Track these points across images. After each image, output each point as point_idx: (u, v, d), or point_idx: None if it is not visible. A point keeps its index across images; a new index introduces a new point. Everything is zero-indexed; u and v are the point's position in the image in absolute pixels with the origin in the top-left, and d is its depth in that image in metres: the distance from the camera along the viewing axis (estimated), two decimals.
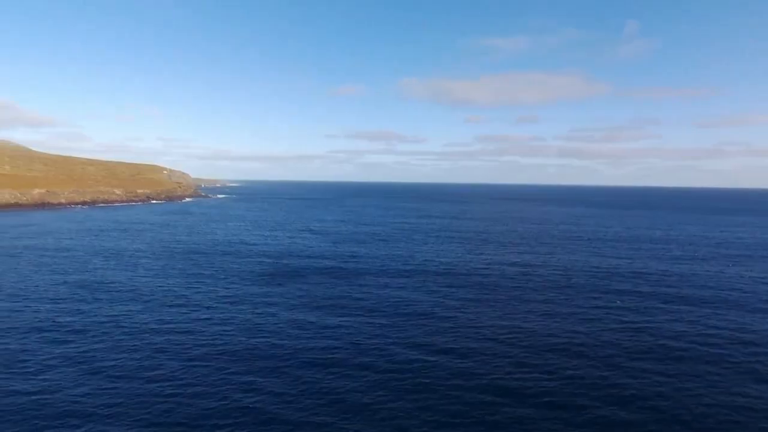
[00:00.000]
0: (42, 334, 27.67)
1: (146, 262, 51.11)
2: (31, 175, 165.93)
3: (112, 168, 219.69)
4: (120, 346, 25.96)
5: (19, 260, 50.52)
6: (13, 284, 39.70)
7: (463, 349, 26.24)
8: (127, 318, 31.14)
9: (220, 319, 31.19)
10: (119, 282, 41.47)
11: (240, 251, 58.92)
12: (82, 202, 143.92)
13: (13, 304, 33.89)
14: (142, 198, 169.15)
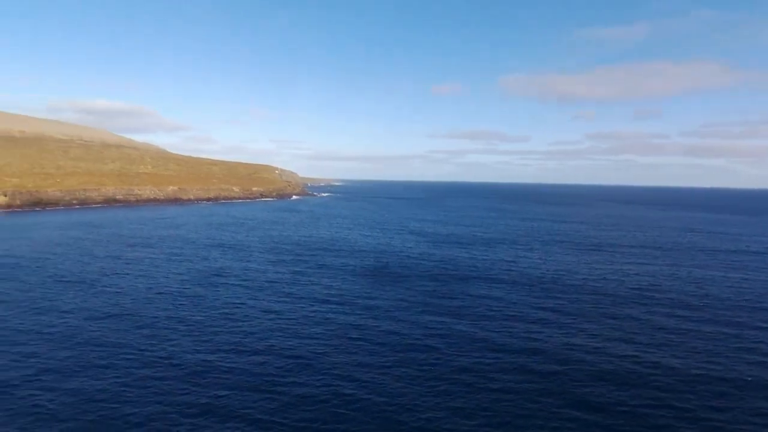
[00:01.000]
0: (165, 321, 30.52)
1: (258, 255, 54.60)
2: (167, 174, 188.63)
3: (232, 168, 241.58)
4: (234, 331, 27.64)
5: (154, 249, 57.12)
6: (150, 269, 44.75)
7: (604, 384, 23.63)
8: (237, 309, 33.20)
9: (322, 318, 31.86)
10: (234, 273, 44.63)
11: (342, 249, 60.48)
12: (206, 198, 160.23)
13: (149, 285, 38.07)
14: (256, 195, 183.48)
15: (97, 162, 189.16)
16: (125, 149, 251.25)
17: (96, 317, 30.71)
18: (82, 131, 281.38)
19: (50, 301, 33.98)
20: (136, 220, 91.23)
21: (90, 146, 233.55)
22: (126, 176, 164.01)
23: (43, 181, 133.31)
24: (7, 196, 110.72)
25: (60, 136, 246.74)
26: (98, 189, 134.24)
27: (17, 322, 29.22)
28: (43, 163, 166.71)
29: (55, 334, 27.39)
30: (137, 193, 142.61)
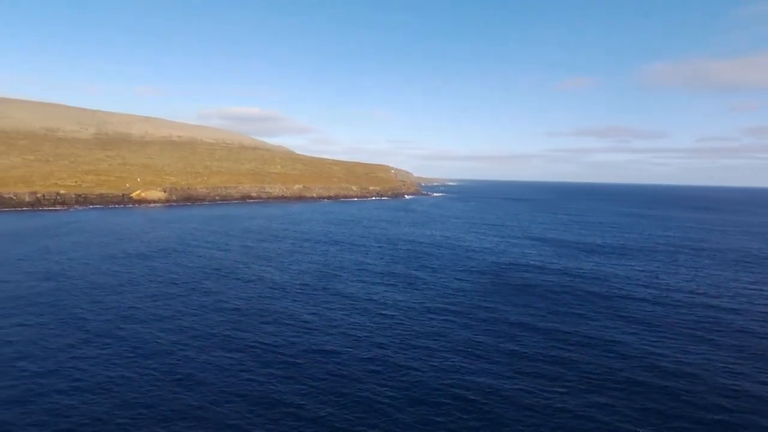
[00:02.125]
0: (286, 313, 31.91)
1: (374, 255, 55.40)
2: (294, 173, 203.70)
3: (351, 167, 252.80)
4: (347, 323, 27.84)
5: (282, 242, 61.30)
6: (282, 260, 47.86)
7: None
8: (352, 307, 33.56)
9: (437, 328, 30.72)
10: (350, 271, 45.63)
11: (457, 252, 58.75)
12: (327, 196, 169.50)
13: (281, 276, 40.55)
14: (372, 194, 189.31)
15: (236, 163, 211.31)
16: (260, 151, 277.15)
17: (223, 309, 33.31)
18: (225, 135, 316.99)
19: (190, 287, 37.92)
20: (266, 215, 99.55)
21: (231, 149, 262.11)
22: (259, 175, 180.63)
23: (194, 179, 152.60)
24: (166, 192, 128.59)
25: (208, 140, 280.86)
26: (236, 187, 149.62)
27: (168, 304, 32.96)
28: (194, 164, 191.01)
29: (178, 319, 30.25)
30: (268, 191, 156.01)
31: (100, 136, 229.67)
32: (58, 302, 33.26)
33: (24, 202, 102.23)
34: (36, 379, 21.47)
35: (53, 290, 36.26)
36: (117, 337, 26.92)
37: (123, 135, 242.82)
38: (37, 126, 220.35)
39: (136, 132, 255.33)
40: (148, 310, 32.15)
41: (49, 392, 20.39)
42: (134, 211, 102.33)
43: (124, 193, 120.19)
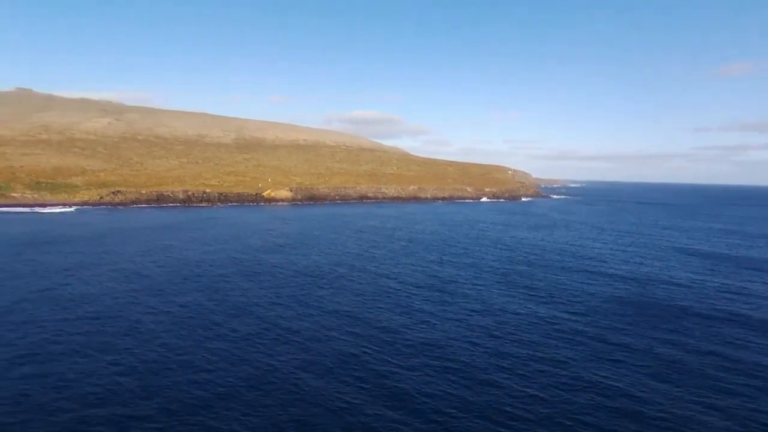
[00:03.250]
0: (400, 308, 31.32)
1: (491, 260, 52.80)
2: (409, 174, 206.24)
3: (465, 168, 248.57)
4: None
5: (396, 242, 61.65)
6: (396, 260, 47.99)
7: None
8: (465, 318, 31.84)
9: (561, 352, 27.69)
10: (464, 280, 43.82)
11: (584, 264, 53.38)
12: (442, 197, 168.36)
13: (385, 282, 40.52)
14: (488, 195, 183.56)
15: (355, 164, 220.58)
16: (377, 153, 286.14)
17: (335, 311, 33.86)
18: (346, 138, 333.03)
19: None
20: (381, 215, 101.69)
21: (350, 151, 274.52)
22: (376, 176, 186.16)
23: (317, 179, 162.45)
24: (292, 191, 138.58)
25: (330, 143, 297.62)
26: (354, 187, 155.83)
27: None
28: (317, 165, 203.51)
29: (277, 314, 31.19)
30: (384, 191, 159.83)
31: (239, 141, 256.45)
32: (211, 286, 36.95)
33: (178, 198, 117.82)
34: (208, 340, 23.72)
35: (203, 276, 40.48)
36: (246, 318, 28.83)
37: (258, 140, 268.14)
38: (190, 133, 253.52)
39: (268, 137, 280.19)
40: (267, 297, 34.10)
41: (226, 341, 22.30)
42: (265, 209, 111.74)
43: (257, 192, 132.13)
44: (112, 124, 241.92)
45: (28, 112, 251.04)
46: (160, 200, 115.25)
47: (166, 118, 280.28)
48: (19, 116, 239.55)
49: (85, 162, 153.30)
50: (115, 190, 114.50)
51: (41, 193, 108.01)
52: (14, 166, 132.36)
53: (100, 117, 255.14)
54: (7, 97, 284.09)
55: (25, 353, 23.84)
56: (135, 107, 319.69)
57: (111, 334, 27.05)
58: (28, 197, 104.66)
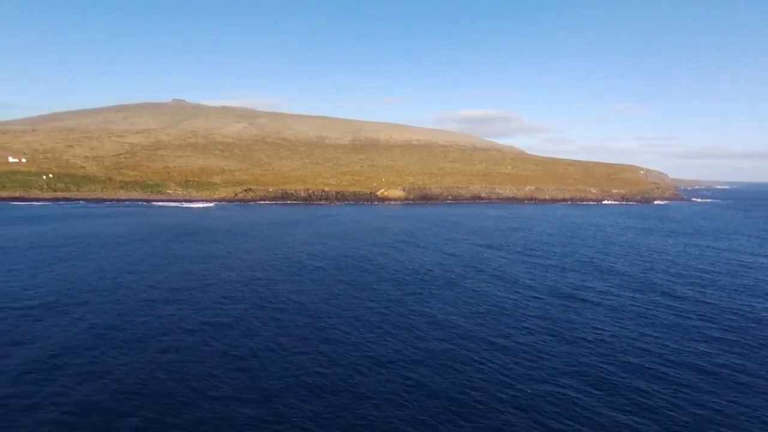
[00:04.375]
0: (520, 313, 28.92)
1: (625, 274, 47.20)
2: (525, 174, 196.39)
3: (589, 168, 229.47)
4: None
5: (511, 248, 58.34)
6: (502, 272, 45.30)
7: None
8: (599, 342, 28.35)
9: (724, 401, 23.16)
10: (593, 293, 39.54)
11: (748, 283, 45.12)
12: (562, 198, 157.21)
13: (499, 291, 38.13)
14: (615, 198, 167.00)
15: (467, 164, 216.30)
16: (490, 152, 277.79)
17: (462, 313, 32.43)
18: (458, 138, 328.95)
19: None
20: (495, 216, 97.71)
21: (463, 150, 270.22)
22: (489, 176, 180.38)
23: (429, 179, 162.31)
24: (405, 191, 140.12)
25: (442, 142, 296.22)
26: (467, 187, 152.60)
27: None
28: (430, 165, 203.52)
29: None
30: (498, 191, 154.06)
31: (355, 142, 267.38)
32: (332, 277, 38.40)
33: (300, 196, 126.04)
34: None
35: (322, 267, 42.24)
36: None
37: (373, 140, 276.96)
38: (311, 135, 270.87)
39: (382, 137, 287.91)
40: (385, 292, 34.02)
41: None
42: (378, 208, 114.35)
43: (371, 192, 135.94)
44: (246, 129, 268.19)
45: (180, 119, 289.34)
46: (285, 198, 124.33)
47: (292, 122, 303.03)
48: (174, 123, 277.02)
49: (224, 163, 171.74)
50: (247, 188, 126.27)
51: (189, 190, 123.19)
52: (169, 167, 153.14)
53: (236, 122, 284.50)
54: (165, 108, 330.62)
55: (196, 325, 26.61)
56: (266, 112, 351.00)
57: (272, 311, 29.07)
58: (178, 193, 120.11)
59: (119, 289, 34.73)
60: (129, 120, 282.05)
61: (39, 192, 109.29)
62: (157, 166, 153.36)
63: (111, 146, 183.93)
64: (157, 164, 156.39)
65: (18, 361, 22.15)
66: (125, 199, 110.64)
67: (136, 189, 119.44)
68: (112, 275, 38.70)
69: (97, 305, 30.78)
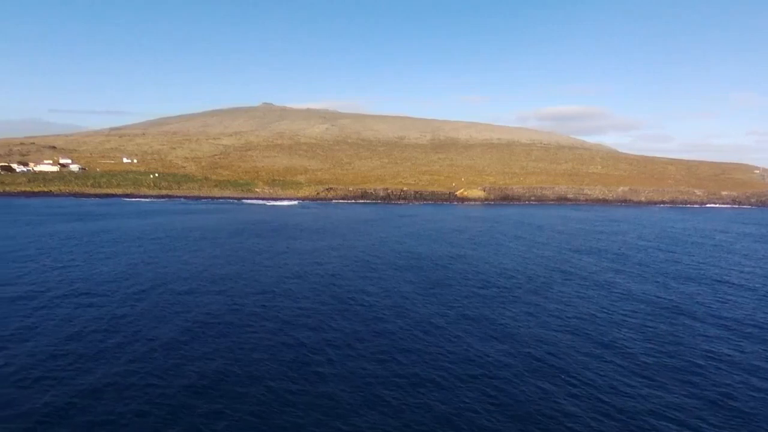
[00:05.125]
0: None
1: (737, 287, 41.55)
2: (617, 174, 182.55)
3: (691, 167, 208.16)
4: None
5: (598, 257, 53.87)
6: (594, 281, 41.78)
7: None
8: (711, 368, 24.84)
9: None
10: (707, 314, 35.09)
11: None
12: (660, 201, 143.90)
13: (588, 306, 35.05)
14: (725, 201, 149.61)
15: (552, 163, 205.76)
16: (577, 150, 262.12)
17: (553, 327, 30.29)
18: (542, 136, 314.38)
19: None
20: (583, 219, 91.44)
21: (547, 149, 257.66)
22: (576, 176, 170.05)
23: (510, 179, 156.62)
24: (485, 191, 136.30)
25: (525, 141, 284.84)
26: (552, 188, 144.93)
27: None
28: (511, 165, 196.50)
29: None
30: (586, 192, 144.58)
31: (434, 142, 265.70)
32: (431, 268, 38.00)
33: (379, 196, 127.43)
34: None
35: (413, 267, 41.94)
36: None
37: (452, 140, 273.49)
38: (391, 135, 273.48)
39: (462, 136, 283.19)
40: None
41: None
42: (457, 208, 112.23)
43: (450, 191, 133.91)
44: (328, 130, 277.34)
45: (268, 122, 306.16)
46: (364, 196, 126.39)
47: (372, 122, 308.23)
48: (263, 126, 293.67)
49: (307, 162, 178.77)
50: (328, 187, 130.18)
51: (275, 189, 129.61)
52: (258, 167, 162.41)
53: (319, 124, 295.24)
54: (255, 111, 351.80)
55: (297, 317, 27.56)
56: (347, 114, 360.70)
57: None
58: (266, 192, 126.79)
59: (237, 278, 36.88)
60: (224, 123, 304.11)
61: (147, 189, 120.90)
62: (247, 166, 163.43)
63: (208, 148, 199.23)
64: (247, 164, 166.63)
65: (177, 328, 24.10)
66: (219, 197, 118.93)
67: (228, 187, 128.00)
68: (221, 266, 41.26)
69: (230, 289, 32.84)
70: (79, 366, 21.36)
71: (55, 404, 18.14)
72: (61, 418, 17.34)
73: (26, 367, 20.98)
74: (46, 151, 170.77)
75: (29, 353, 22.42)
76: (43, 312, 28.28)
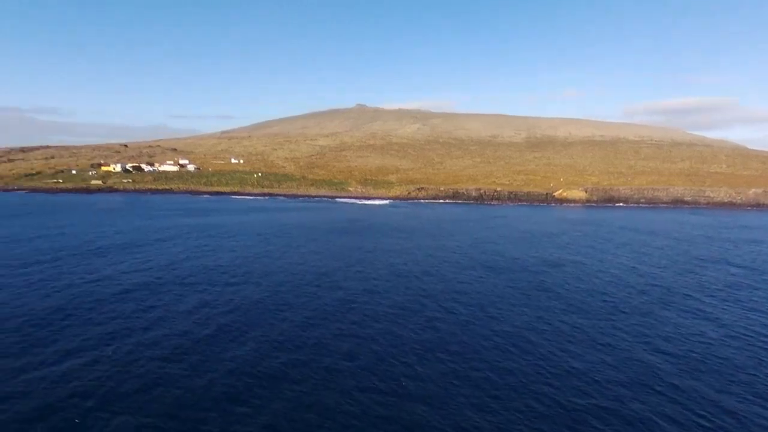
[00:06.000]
0: None
1: None
2: (746, 174, 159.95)
3: None
4: None
5: (728, 268, 46.93)
6: (721, 300, 36.31)
7: None
8: None
9: None
10: None
11: None
12: None
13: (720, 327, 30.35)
14: None
15: (666, 161, 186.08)
16: (696, 147, 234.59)
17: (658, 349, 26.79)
18: (652, 132, 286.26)
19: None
20: (705, 224, 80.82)
21: (660, 146, 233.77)
22: (696, 176, 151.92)
23: (615, 179, 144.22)
24: (587, 192, 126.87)
25: (632, 137, 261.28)
26: (666, 189, 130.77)
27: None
28: (616, 164, 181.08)
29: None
30: (709, 195, 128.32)
31: (530, 140, 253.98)
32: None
33: (471, 196, 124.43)
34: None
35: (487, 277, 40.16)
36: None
37: (549, 137, 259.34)
38: (483, 134, 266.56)
39: (560, 134, 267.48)
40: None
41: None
42: (555, 210, 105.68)
43: (548, 192, 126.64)
44: (420, 129, 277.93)
45: (362, 123, 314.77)
46: (455, 197, 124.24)
47: (464, 121, 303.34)
48: (357, 127, 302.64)
49: (399, 162, 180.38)
50: (419, 187, 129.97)
51: (367, 188, 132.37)
52: (351, 166, 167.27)
53: (411, 123, 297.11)
54: (349, 113, 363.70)
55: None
56: (439, 113, 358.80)
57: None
58: (358, 191, 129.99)
59: (339, 273, 38.16)
60: (320, 125, 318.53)
61: (251, 188, 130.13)
62: (341, 165, 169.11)
63: (305, 148, 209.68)
64: (342, 164, 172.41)
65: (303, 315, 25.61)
66: (314, 196, 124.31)
67: (323, 186, 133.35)
68: (325, 262, 42.88)
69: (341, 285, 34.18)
70: (226, 345, 22.99)
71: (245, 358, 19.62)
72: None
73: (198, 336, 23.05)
74: (168, 152, 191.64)
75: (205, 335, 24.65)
76: (203, 294, 31.09)
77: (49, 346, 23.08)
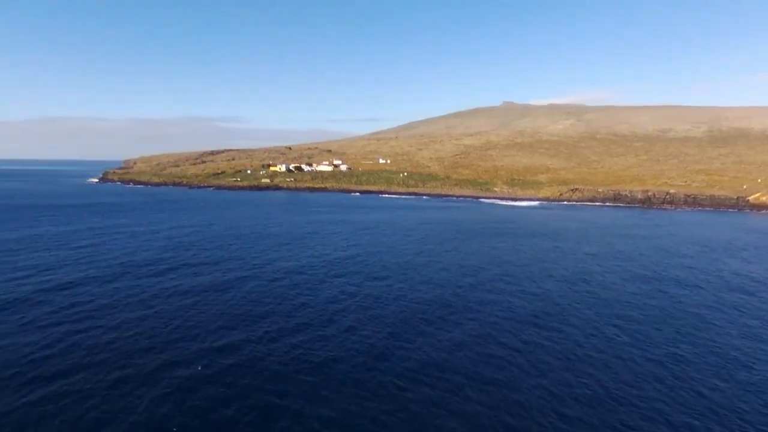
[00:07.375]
0: None
1: None
2: None
3: None
4: None
5: None
6: None
7: None
8: None
9: None
10: None
11: None
12: None
13: None
14: None
15: None
16: None
17: None
18: None
19: None
20: None
21: None
22: None
23: None
24: None
25: None
26: None
27: None
28: None
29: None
30: None
31: (712, 133, 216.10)
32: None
33: (636, 199, 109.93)
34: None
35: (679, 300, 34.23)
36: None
37: (740, 130, 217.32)
38: (650, 128, 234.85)
39: (754, 126, 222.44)
40: None
41: None
42: (748, 218, 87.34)
43: (739, 196, 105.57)
44: (573, 125, 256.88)
45: (509, 120, 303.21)
46: (617, 199, 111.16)
47: (626, 115, 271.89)
48: (503, 125, 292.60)
49: (549, 161, 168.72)
50: (573, 188, 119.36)
51: (514, 189, 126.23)
52: (497, 166, 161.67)
53: (563, 119, 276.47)
54: (496, 111, 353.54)
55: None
56: (594, 107, 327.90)
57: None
58: (504, 191, 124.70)
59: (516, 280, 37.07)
60: (465, 124, 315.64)
61: (397, 187, 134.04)
62: (486, 165, 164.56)
63: (450, 148, 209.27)
64: (487, 163, 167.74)
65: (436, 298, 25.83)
66: (458, 196, 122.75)
67: (467, 186, 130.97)
68: (486, 264, 41.95)
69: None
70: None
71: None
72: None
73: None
74: (324, 154, 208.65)
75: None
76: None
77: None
